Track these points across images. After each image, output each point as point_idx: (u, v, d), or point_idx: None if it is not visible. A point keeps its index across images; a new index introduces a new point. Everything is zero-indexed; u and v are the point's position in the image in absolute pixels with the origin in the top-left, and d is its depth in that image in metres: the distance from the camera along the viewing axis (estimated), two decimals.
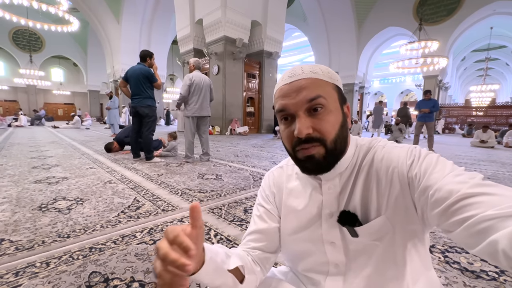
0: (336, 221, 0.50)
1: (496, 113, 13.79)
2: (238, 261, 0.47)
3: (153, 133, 3.66)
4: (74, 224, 1.46)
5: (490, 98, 19.56)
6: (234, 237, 1.34)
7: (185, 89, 3.47)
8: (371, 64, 16.33)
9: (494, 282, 1.00)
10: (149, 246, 1.22)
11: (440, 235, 1.43)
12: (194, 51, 10.39)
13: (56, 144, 5.36)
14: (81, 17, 15.59)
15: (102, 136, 7.86)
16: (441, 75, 13.56)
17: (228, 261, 0.46)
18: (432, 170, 0.40)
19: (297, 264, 0.58)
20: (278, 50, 10.99)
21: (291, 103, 0.46)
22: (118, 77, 15.40)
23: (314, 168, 0.48)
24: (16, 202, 1.80)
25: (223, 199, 1.99)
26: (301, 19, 16.15)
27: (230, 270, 0.45)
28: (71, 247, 1.20)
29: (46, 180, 2.42)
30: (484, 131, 7.41)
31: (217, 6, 8.89)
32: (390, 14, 13.46)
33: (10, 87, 22.22)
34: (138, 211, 1.70)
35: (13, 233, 1.33)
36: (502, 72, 23.55)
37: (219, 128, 9.74)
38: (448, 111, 15.34)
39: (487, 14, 11.80)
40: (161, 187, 2.30)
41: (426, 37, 10.29)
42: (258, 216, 0.60)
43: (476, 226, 0.32)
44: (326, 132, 0.45)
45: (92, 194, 2.02)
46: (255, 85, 10.96)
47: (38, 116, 14.08)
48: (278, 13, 10.56)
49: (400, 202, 0.44)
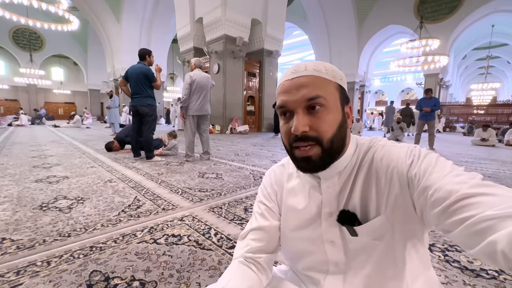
0: (335, 220, 0.50)
1: (497, 112, 13.74)
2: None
3: (153, 132, 3.66)
4: (75, 223, 1.46)
5: (491, 97, 19.51)
6: (234, 236, 1.34)
7: (186, 87, 3.47)
8: (372, 62, 16.29)
9: (494, 280, 1.00)
10: (149, 245, 1.23)
11: (440, 234, 1.43)
12: (194, 49, 10.37)
13: (56, 143, 5.37)
14: (81, 16, 15.58)
15: (103, 135, 7.87)
16: (442, 73, 13.52)
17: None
18: (431, 170, 0.40)
19: (297, 263, 0.58)
20: (279, 49, 10.97)
21: (290, 100, 0.46)
22: (118, 76, 15.41)
23: (310, 168, 0.48)
24: (17, 201, 1.81)
25: (223, 198, 1.99)
26: (301, 17, 16.10)
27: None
28: (72, 246, 1.21)
29: (47, 179, 2.42)
30: (484, 129, 7.40)
31: (217, 5, 8.86)
32: (391, 12, 13.41)
33: (10, 86, 22.27)
34: (139, 210, 1.70)
35: (14, 232, 1.34)
36: (504, 70, 23.47)
37: (220, 127, 9.74)
38: (449, 110, 15.30)
39: (488, 12, 11.73)
40: (161, 186, 2.31)
41: (427, 35, 10.25)
42: (259, 213, 0.60)
43: (475, 226, 0.32)
44: (323, 132, 0.45)
45: (92, 193, 2.02)
46: (256, 84, 10.94)
47: (39, 115, 14.10)
48: (279, 11, 10.52)
49: (400, 202, 0.44)
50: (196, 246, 1.23)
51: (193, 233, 1.37)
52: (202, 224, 1.50)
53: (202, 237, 1.32)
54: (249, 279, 0.51)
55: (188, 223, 1.51)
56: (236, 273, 0.52)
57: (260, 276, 0.53)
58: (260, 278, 0.53)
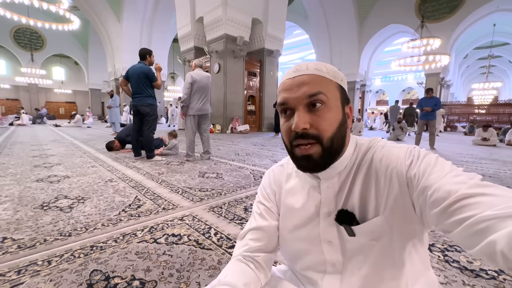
0: (333, 220, 0.50)
1: (499, 111, 13.69)
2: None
3: (154, 131, 3.67)
4: (76, 223, 1.47)
5: (492, 96, 19.44)
6: (234, 235, 1.35)
7: (187, 86, 3.47)
8: (373, 61, 16.25)
9: (494, 281, 1.00)
10: (149, 245, 1.23)
11: (440, 234, 1.43)
12: (195, 49, 10.37)
13: (57, 143, 5.39)
14: (82, 16, 15.58)
15: (104, 134, 7.89)
16: (443, 72, 13.48)
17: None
18: (431, 170, 0.40)
19: (295, 263, 0.58)
20: (279, 48, 10.96)
21: (292, 97, 0.47)
22: (119, 75, 15.42)
23: (310, 167, 0.48)
24: (18, 201, 1.81)
25: (223, 198, 2.00)
26: (302, 17, 16.07)
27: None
28: (72, 246, 1.21)
29: (48, 179, 2.43)
30: (485, 129, 7.38)
31: (217, 4, 8.85)
32: (392, 12, 13.37)
33: (11, 85, 22.32)
34: (139, 209, 1.70)
35: (15, 231, 1.34)
36: (505, 70, 23.37)
37: (220, 127, 9.74)
38: (450, 109, 15.25)
39: (490, 11, 11.68)
40: (161, 185, 2.31)
41: (428, 35, 10.23)
42: (258, 213, 0.60)
43: (475, 227, 0.32)
44: (323, 130, 0.45)
45: (93, 193, 2.03)
46: (256, 83, 10.93)
47: (40, 114, 14.13)
48: (279, 10, 10.51)
49: (399, 202, 0.45)
50: (196, 246, 1.23)
51: (193, 233, 1.37)
52: (202, 223, 1.50)
53: (202, 237, 1.33)
54: (246, 276, 0.51)
55: (188, 222, 1.51)
56: (234, 270, 0.52)
57: (258, 274, 0.53)
58: (258, 276, 0.53)
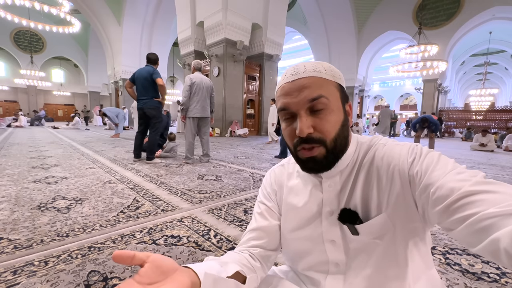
0: (336, 219, 0.49)
1: (495, 117, 13.84)
2: (235, 266, 0.45)
3: (159, 134, 3.67)
4: (73, 224, 1.45)
5: (489, 102, 19.63)
6: (234, 237, 1.34)
7: (187, 89, 3.47)
8: (371, 67, 16.41)
9: (496, 284, 0.99)
10: (148, 246, 1.22)
11: (441, 237, 1.42)
12: (195, 53, 10.43)
13: (55, 145, 5.36)
14: (83, 19, 15.68)
15: (102, 137, 7.86)
16: (441, 78, 13.63)
17: (225, 269, 0.44)
18: (433, 168, 0.40)
19: (297, 263, 0.58)
20: (279, 53, 11.05)
21: (293, 102, 0.46)
22: (118, 78, 15.45)
23: (316, 168, 0.48)
24: (15, 201, 1.79)
25: (223, 200, 1.98)
26: (301, 22, 16.26)
27: (230, 276, 0.43)
28: (70, 246, 1.19)
29: (46, 180, 2.41)
30: (483, 135, 7.44)
31: (218, 9, 8.94)
32: (390, 18, 13.57)
33: (10, 87, 22.26)
34: (138, 211, 1.69)
35: (12, 231, 1.33)
36: (501, 77, 23.67)
37: (219, 130, 9.75)
38: (447, 115, 15.38)
39: (486, 19, 11.89)
40: (160, 187, 2.30)
41: (425, 41, 10.35)
42: (259, 213, 0.59)
43: (478, 224, 0.32)
44: (327, 132, 0.45)
45: (91, 194, 2.01)
46: (256, 87, 10.99)
47: (38, 116, 14.09)
48: (279, 16, 10.63)
49: (401, 200, 0.44)
50: (195, 247, 1.22)
51: (193, 234, 1.36)
52: (202, 225, 1.49)
53: (202, 238, 1.32)
54: (242, 261, 0.49)
55: (187, 224, 1.50)
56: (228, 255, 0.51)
57: (253, 263, 0.51)
58: (253, 265, 0.51)
